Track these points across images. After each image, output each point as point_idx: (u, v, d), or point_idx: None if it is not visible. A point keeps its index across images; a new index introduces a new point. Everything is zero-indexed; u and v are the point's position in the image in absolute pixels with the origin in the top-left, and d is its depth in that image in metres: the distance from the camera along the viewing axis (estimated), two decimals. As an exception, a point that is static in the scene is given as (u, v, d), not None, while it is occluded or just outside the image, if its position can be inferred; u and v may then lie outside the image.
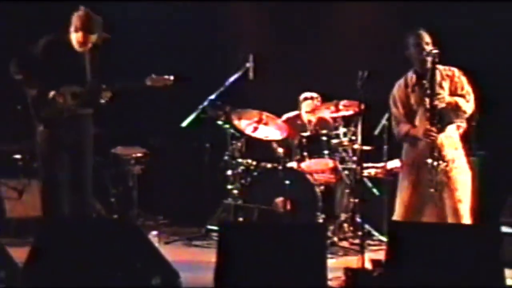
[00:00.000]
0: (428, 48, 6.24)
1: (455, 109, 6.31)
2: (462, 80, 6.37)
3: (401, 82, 6.52)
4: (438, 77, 6.32)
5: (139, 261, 5.12)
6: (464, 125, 6.52)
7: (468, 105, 6.32)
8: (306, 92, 8.23)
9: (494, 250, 4.76)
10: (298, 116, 8.25)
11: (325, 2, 8.83)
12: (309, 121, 8.10)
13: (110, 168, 8.26)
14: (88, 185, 6.93)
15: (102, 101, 6.88)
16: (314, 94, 8.21)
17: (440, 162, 6.26)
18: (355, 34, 8.78)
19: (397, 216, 6.43)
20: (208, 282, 5.02)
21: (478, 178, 6.78)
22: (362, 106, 6.86)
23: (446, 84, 6.33)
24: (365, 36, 8.68)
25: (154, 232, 7.67)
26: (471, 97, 6.34)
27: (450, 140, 6.39)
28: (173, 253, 6.14)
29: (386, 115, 7.02)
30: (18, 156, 8.20)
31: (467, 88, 6.35)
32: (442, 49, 6.38)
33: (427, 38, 6.33)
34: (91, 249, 5.06)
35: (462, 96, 6.32)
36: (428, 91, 6.24)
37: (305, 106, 8.22)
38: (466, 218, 6.24)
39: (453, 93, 6.32)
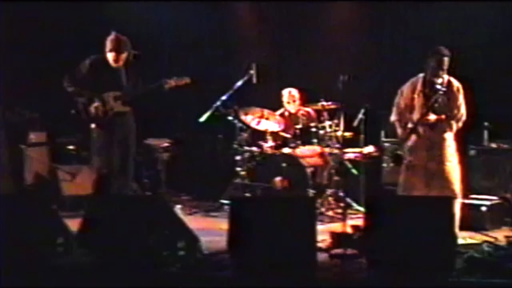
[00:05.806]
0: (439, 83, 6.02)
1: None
2: (459, 95, 6.10)
3: (409, 86, 6.25)
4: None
5: (168, 228, 5.17)
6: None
7: (454, 124, 6.10)
8: (287, 88, 8.11)
9: (449, 217, 4.80)
10: (286, 110, 8.13)
11: (312, 19, 8.60)
12: (294, 114, 8.00)
13: (143, 155, 8.10)
14: (131, 170, 6.92)
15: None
16: (293, 89, 8.06)
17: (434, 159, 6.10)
18: (336, 44, 8.52)
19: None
20: (221, 246, 5.04)
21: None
22: (343, 104, 7.15)
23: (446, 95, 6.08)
24: (346, 46, 8.46)
25: (179, 206, 7.69)
26: (460, 110, 6.10)
27: (444, 140, 6.15)
28: (194, 222, 6.09)
29: (363, 110, 6.94)
30: (71, 147, 8.25)
31: (461, 101, 6.11)
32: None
33: (445, 64, 6.05)
34: (130, 220, 5.08)
35: (456, 107, 6.08)
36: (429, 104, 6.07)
37: (286, 98, 8.07)
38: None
39: (450, 102, 6.06)
